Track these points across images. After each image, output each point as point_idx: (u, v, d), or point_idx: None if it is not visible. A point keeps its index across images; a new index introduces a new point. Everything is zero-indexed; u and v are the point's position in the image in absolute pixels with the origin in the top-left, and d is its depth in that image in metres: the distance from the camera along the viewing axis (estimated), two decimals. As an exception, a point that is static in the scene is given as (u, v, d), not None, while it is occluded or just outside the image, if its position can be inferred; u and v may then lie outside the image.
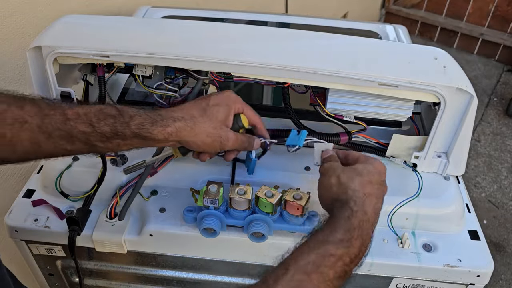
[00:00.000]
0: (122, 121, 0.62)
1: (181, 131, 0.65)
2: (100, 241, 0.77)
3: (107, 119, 0.62)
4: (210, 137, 0.67)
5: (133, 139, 0.63)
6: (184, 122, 0.65)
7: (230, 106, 0.71)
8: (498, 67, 3.27)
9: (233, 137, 0.70)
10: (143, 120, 0.63)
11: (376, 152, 0.86)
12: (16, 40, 1.06)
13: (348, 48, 0.81)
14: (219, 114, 0.69)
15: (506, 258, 1.95)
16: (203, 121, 0.67)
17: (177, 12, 1.26)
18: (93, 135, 0.61)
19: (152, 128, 0.63)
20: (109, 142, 0.62)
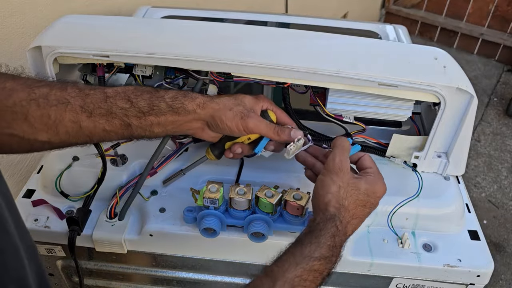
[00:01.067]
0: (158, 95, 0.67)
1: (208, 104, 0.68)
2: (100, 241, 0.77)
3: (143, 94, 0.66)
4: (233, 111, 0.69)
5: (166, 114, 0.66)
6: (210, 98, 0.70)
7: (258, 100, 0.73)
8: (498, 67, 3.27)
9: (256, 117, 0.70)
10: (176, 93, 0.68)
11: (376, 152, 0.86)
12: (16, 40, 1.06)
13: (348, 48, 0.81)
14: (245, 99, 0.72)
15: (506, 258, 1.95)
16: (228, 99, 0.70)
17: (177, 12, 1.26)
18: (131, 110, 0.65)
19: (184, 99, 0.67)
20: (144, 119, 0.66)
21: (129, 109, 0.64)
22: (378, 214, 0.79)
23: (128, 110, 0.64)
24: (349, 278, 0.80)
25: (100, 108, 0.63)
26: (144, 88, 0.67)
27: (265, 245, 0.73)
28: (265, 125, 0.71)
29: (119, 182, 0.81)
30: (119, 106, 0.64)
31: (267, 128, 0.71)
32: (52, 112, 0.60)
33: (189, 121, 0.69)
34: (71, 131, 0.62)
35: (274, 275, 0.56)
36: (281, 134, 0.71)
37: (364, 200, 0.65)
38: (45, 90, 0.60)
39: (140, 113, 0.65)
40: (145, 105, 0.65)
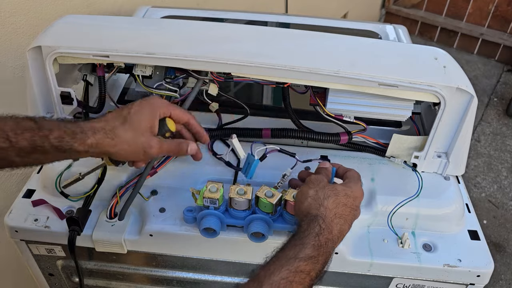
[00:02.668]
0: (41, 134, 0.59)
1: (101, 143, 0.63)
2: (100, 241, 0.77)
3: (24, 133, 0.58)
4: (132, 147, 0.66)
5: (54, 153, 0.61)
6: (104, 134, 0.63)
7: (154, 111, 0.69)
8: (498, 67, 3.27)
9: (157, 144, 0.68)
10: (62, 133, 0.61)
11: (376, 152, 0.86)
12: (16, 40, 1.06)
13: (348, 48, 0.81)
14: (141, 121, 0.67)
15: (506, 258, 1.95)
16: (124, 130, 0.65)
17: (177, 12, 1.26)
18: (11, 150, 0.58)
19: (73, 140, 0.61)
20: (28, 157, 0.60)
21: (8, 148, 0.58)
22: (378, 214, 0.79)
23: (7, 150, 0.58)
24: (349, 278, 0.80)
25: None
26: (25, 125, 0.59)
27: (265, 245, 0.73)
28: (166, 148, 0.70)
29: (119, 182, 0.81)
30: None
31: (168, 149, 0.70)
32: None
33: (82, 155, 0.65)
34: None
35: (261, 279, 0.55)
36: (181, 152, 0.71)
37: (343, 200, 0.65)
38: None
39: (22, 152, 0.59)
40: (27, 145, 0.58)
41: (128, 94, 1.03)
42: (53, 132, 0.60)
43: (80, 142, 0.62)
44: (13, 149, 0.58)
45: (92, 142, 0.63)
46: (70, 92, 0.80)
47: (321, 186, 0.66)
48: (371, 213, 0.79)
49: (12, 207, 0.80)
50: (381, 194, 0.80)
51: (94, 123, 0.64)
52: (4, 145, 0.57)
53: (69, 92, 0.80)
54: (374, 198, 0.79)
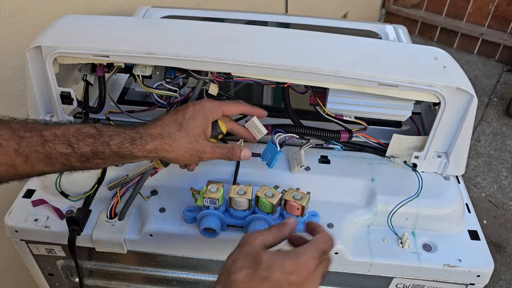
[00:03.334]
0: (102, 140, 0.62)
1: (160, 149, 0.66)
2: (100, 241, 0.77)
3: (86, 139, 0.61)
4: (188, 152, 0.68)
5: (113, 158, 0.64)
6: (162, 140, 0.66)
7: (207, 116, 0.71)
8: (498, 67, 3.27)
9: (210, 149, 0.70)
10: (122, 139, 0.63)
11: (376, 152, 0.86)
12: (16, 40, 1.06)
13: (348, 48, 0.81)
14: (196, 127, 0.69)
15: (506, 258, 1.95)
16: (181, 136, 0.67)
17: (177, 12, 1.26)
18: (73, 156, 0.61)
19: (132, 147, 0.64)
20: (88, 162, 0.62)
21: (70, 154, 0.60)
22: (378, 214, 0.79)
23: (69, 155, 0.60)
24: (349, 278, 0.80)
25: (38, 152, 0.58)
26: (87, 131, 0.62)
27: (265, 245, 0.73)
28: (219, 153, 0.72)
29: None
30: (58, 151, 0.60)
31: (221, 155, 0.72)
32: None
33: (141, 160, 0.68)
34: (6, 174, 0.58)
35: None
36: (232, 157, 0.73)
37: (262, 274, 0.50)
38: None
39: (83, 158, 0.61)
40: (88, 151, 0.61)
41: (128, 94, 1.03)
42: (114, 138, 0.63)
43: (139, 148, 0.64)
44: (75, 155, 0.61)
45: (151, 148, 0.65)
46: (70, 92, 0.80)
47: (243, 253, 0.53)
48: (371, 213, 0.79)
49: (12, 207, 0.80)
50: (381, 194, 0.80)
51: (151, 129, 0.67)
52: (66, 151, 0.60)
53: (69, 92, 0.80)
54: (374, 198, 0.79)
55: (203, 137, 0.70)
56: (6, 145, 0.56)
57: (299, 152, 0.82)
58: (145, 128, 0.67)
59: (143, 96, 1.00)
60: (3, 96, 1.08)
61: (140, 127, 0.67)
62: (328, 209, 0.78)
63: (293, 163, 0.83)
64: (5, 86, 1.08)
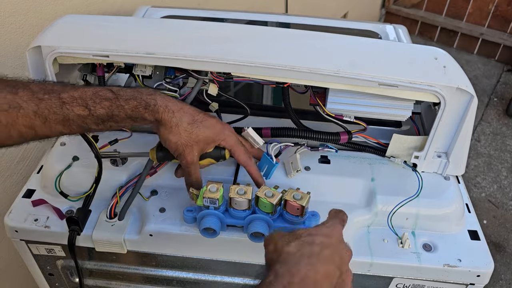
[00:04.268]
0: (118, 104, 0.64)
1: (164, 123, 0.68)
2: (100, 241, 0.77)
3: (103, 102, 0.63)
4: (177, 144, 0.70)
5: (126, 120, 0.66)
6: (171, 117, 0.68)
7: (216, 138, 0.73)
8: (498, 67, 3.27)
9: (190, 160, 0.72)
10: (137, 103, 0.65)
11: (376, 152, 0.86)
12: (16, 39, 1.06)
13: (348, 48, 0.81)
14: (201, 135, 0.70)
15: (506, 258, 1.95)
16: (185, 129, 0.69)
17: (177, 12, 1.26)
18: (89, 118, 0.62)
19: (145, 110, 0.66)
20: (103, 124, 0.64)
21: (87, 116, 0.62)
22: (378, 214, 0.79)
23: (86, 117, 0.62)
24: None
25: (56, 114, 0.60)
26: (104, 94, 0.64)
27: (265, 245, 0.73)
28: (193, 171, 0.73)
29: (119, 182, 0.81)
30: (76, 113, 0.61)
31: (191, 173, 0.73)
32: (2, 117, 0.57)
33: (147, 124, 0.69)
34: (26, 135, 0.60)
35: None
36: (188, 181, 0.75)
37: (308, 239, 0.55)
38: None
39: (99, 120, 0.64)
40: (104, 114, 0.63)
41: (128, 94, 1.02)
42: (129, 102, 0.64)
43: (150, 114, 0.66)
44: (92, 117, 0.62)
45: (158, 118, 0.67)
46: (70, 92, 0.80)
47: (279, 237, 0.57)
48: (371, 213, 0.79)
49: (12, 207, 0.80)
50: (381, 194, 0.80)
51: (170, 102, 0.68)
52: (84, 113, 0.62)
53: (69, 92, 0.80)
54: (374, 198, 0.79)
55: (198, 148, 0.71)
56: (26, 107, 0.58)
57: (294, 156, 0.82)
58: (164, 98, 0.68)
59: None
60: (3, 96, 1.08)
61: (160, 95, 0.68)
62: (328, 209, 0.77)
63: (289, 167, 0.82)
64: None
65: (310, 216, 0.73)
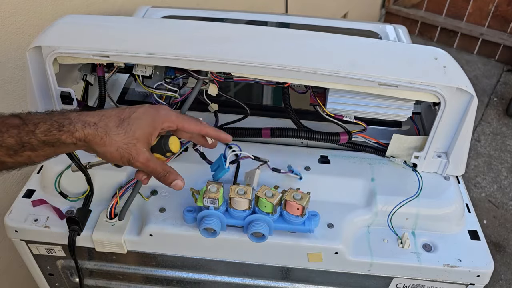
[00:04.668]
0: (27, 130, 0.57)
1: (90, 139, 0.60)
2: (100, 241, 0.77)
3: (10, 130, 0.57)
4: (119, 152, 0.62)
5: (43, 148, 0.59)
6: (95, 130, 0.60)
7: (155, 124, 0.65)
8: (498, 67, 3.27)
9: (143, 160, 0.64)
10: (49, 126, 0.58)
11: (376, 152, 0.86)
12: (16, 40, 1.06)
13: (348, 48, 0.81)
14: (137, 130, 0.63)
15: (506, 258, 1.95)
16: (117, 133, 0.62)
17: (177, 12, 1.26)
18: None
19: (60, 133, 0.58)
20: (18, 155, 0.58)
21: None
22: (378, 214, 0.79)
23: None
24: (349, 278, 0.80)
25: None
26: (10, 122, 0.57)
27: (265, 245, 0.73)
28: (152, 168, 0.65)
29: (119, 182, 0.81)
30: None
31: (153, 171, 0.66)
32: None
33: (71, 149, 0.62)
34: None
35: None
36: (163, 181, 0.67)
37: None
38: None
39: (10, 151, 0.57)
40: (14, 143, 0.56)
41: (128, 94, 1.03)
42: (39, 126, 0.58)
43: (68, 135, 0.59)
44: (1, 149, 0.56)
45: (80, 136, 0.59)
46: (70, 92, 0.80)
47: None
48: (371, 213, 0.79)
49: (12, 207, 0.80)
50: (381, 194, 0.80)
51: (87, 116, 0.61)
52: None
53: (69, 92, 0.80)
54: (374, 198, 0.79)
55: (143, 143, 0.64)
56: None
57: (254, 171, 0.79)
58: (80, 114, 0.61)
59: (143, 96, 1.00)
60: (3, 96, 1.08)
61: (74, 112, 0.62)
62: (328, 209, 0.78)
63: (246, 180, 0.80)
64: (5, 86, 1.08)
65: (310, 216, 0.73)
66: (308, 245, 0.74)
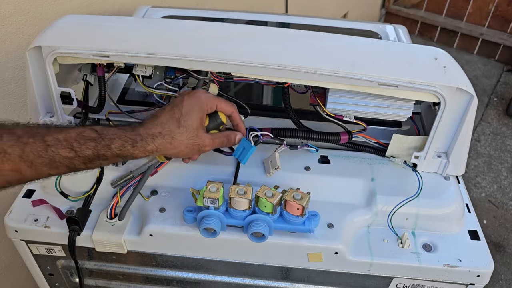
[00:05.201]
0: (104, 144, 0.64)
1: (161, 148, 0.68)
2: (100, 241, 0.77)
3: (87, 143, 0.63)
4: (189, 148, 0.70)
5: (115, 158, 0.66)
6: (162, 139, 0.68)
7: (203, 109, 0.72)
8: (498, 67, 3.27)
9: (210, 142, 0.73)
10: (123, 142, 0.65)
11: (376, 152, 0.86)
12: (16, 40, 1.06)
13: (348, 48, 0.81)
14: (194, 122, 0.70)
15: (506, 258, 1.95)
16: (180, 133, 0.69)
17: (177, 12, 1.26)
18: (76, 159, 0.62)
19: (133, 149, 0.66)
20: (91, 163, 0.64)
21: (73, 158, 0.62)
22: (378, 214, 0.79)
23: (73, 159, 0.62)
24: (349, 278, 0.80)
25: (41, 157, 0.60)
26: (88, 134, 0.63)
27: (265, 245, 0.73)
28: (218, 143, 0.75)
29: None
30: (62, 155, 0.61)
31: (219, 143, 0.75)
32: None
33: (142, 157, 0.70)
34: (12, 179, 0.60)
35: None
36: (229, 143, 0.77)
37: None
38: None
39: (86, 160, 0.63)
40: (91, 154, 0.63)
41: (128, 94, 1.03)
42: (114, 141, 0.64)
43: (141, 150, 0.66)
44: (78, 158, 0.62)
45: (152, 149, 0.67)
46: (70, 92, 0.80)
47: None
48: (371, 213, 0.79)
49: (12, 207, 0.80)
50: (381, 194, 0.80)
51: (151, 129, 0.68)
52: (70, 155, 0.62)
53: (69, 92, 0.80)
54: (374, 198, 0.79)
55: (201, 130, 0.72)
56: (11, 152, 0.58)
57: (273, 155, 0.82)
58: (145, 128, 0.68)
59: (143, 96, 1.00)
60: (3, 96, 1.08)
61: (140, 127, 0.68)
62: (328, 209, 0.78)
63: (267, 166, 0.82)
64: (5, 86, 1.08)
65: (310, 216, 0.73)
66: (308, 245, 0.75)
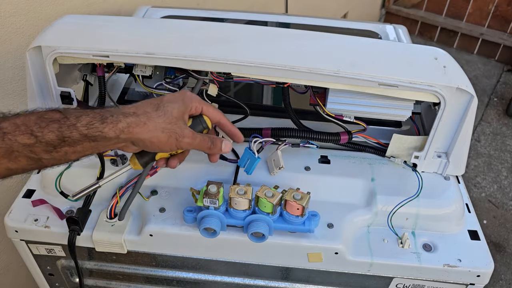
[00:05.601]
0: (69, 123, 0.56)
1: (134, 127, 0.60)
2: (100, 241, 0.77)
3: (50, 125, 0.55)
4: (165, 133, 0.62)
5: (83, 143, 0.58)
6: (136, 117, 0.60)
7: (185, 103, 0.66)
8: (498, 67, 3.27)
9: (190, 134, 0.65)
10: (91, 118, 0.58)
11: (376, 152, 0.86)
12: (16, 40, 1.06)
13: (348, 48, 0.81)
14: (174, 110, 0.64)
15: (506, 258, 1.95)
16: (158, 115, 0.62)
17: (177, 12, 1.26)
18: (37, 145, 0.55)
19: (102, 125, 0.58)
20: (55, 151, 0.56)
21: (34, 145, 0.54)
22: (378, 214, 0.79)
23: (33, 146, 0.54)
24: (349, 278, 0.80)
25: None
26: (50, 116, 0.56)
27: (265, 245, 0.73)
28: (199, 141, 0.66)
29: (119, 182, 0.81)
30: (20, 143, 0.53)
31: (200, 143, 0.67)
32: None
33: (111, 144, 0.61)
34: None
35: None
36: (213, 148, 0.68)
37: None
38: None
39: (49, 147, 0.55)
40: (54, 138, 0.55)
41: (128, 94, 1.03)
42: (81, 119, 0.57)
43: (111, 127, 0.58)
44: (40, 144, 0.55)
45: (124, 126, 0.59)
46: (70, 92, 0.80)
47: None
48: (371, 213, 0.79)
49: (12, 207, 0.80)
50: (381, 194, 0.80)
51: (124, 108, 0.62)
52: (29, 141, 0.54)
53: (69, 92, 0.80)
54: (374, 198, 0.79)
55: (181, 121, 0.65)
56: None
57: (276, 153, 0.81)
58: (117, 108, 0.62)
59: (143, 96, 1.00)
60: (3, 96, 1.08)
61: (113, 108, 0.62)
62: (328, 209, 0.78)
63: (271, 165, 0.82)
64: (5, 86, 1.08)
65: (310, 216, 0.73)
66: (308, 245, 0.75)
